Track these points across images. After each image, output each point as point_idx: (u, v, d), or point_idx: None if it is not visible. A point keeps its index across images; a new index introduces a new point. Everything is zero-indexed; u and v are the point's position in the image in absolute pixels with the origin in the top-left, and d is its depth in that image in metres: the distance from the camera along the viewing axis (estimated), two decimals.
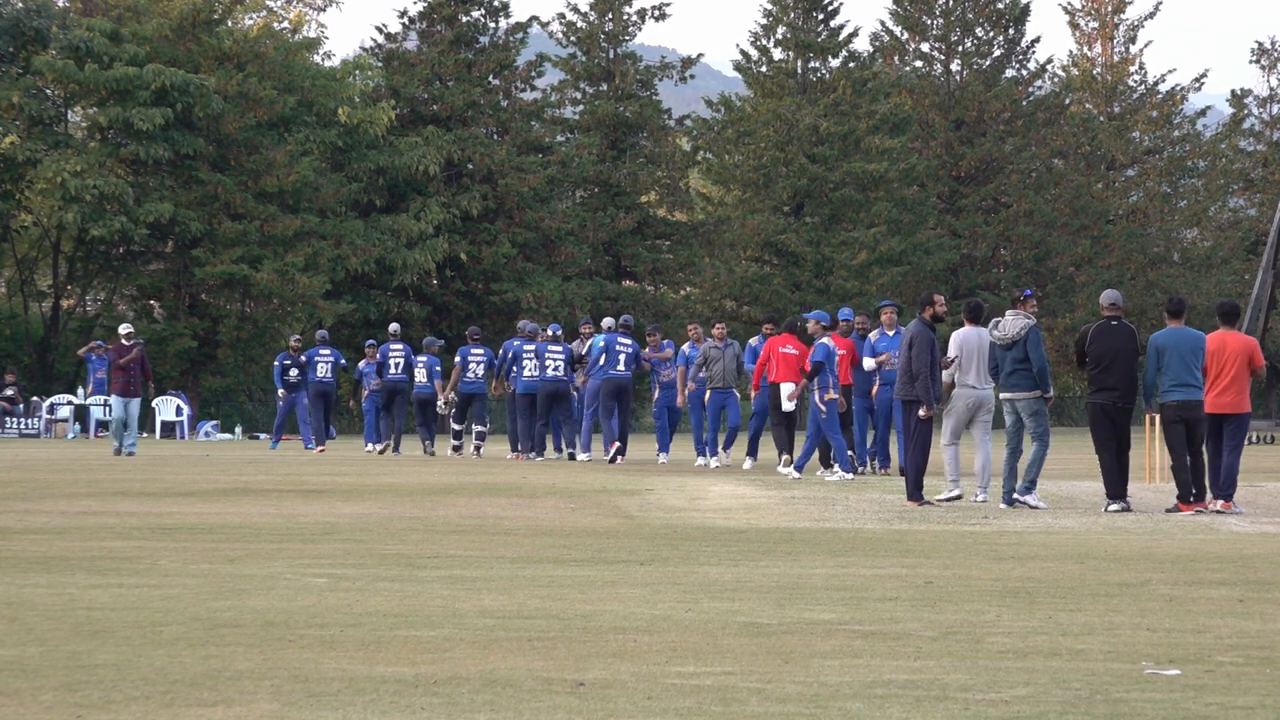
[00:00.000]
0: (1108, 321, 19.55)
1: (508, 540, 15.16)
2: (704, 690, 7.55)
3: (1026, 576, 12.31)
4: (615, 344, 30.29)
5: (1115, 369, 19.40)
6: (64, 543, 14.50)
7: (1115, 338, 19.45)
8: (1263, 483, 25.36)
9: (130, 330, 35.19)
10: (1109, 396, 19.43)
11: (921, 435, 20.16)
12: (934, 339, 20.23)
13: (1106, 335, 19.45)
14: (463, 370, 33.29)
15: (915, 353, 20.05)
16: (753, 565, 13.05)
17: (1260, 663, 8.46)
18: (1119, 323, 19.56)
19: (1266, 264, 53.31)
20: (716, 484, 23.19)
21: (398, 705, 7.17)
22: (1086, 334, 19.60)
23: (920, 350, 20.04)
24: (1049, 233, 77.17)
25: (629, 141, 70.09)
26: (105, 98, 55.92)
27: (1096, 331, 19.51)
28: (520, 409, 31.96)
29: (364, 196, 62.29)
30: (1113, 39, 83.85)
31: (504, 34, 68.04)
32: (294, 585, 11.43)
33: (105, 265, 60.15)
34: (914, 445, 20.16)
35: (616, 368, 30.14)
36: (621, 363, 30.13)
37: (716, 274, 69.08)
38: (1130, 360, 19.50)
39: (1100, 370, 19.43)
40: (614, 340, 30.33)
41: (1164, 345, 19.49)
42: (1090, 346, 19.47)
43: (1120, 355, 19.40)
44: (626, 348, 30.30)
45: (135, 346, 34.17)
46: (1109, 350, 19.40)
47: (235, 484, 23.11)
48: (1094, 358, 19.44)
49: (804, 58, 74.20)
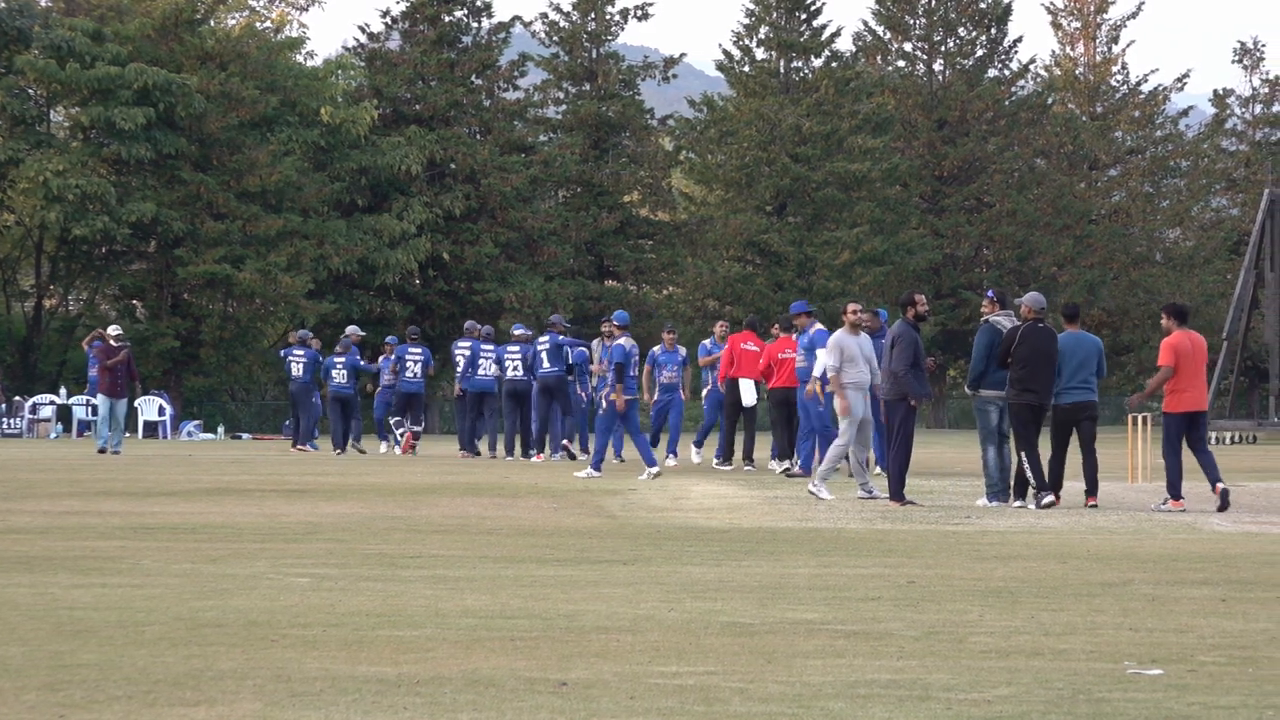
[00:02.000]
0: (1034, 323, 19.87)
1: (490, 540, 15.15)
2: (687, 690, 7.55)
3: (1009, 576, 12.32)
4: (537, 345, 30.96)
5: (1041, 370, 19.75)
6: (46, 542, 14.48)
7: (1041, 339, 19.79)
8: (1245, 482, 25.42)
9: (119, 331, 35.19)
10: (1036, 396, 19.76)
11: (904, 435, 20.18)
12: (918, 338, 20.34)
13: (1033, 337, 19.79)
14: (400, 369, 34.15)
15: (897, 352, 20.11)
16: (735, 565, 13.05)
17: (1242, 662, 8.47)
18: (1044, 325, 19.94)
19: (1249, 264, 53.35)
20: (699, 484, 23.20)
21: (380, 705, 7.17)
22: (1014, 335, 19.85)
23: (904, 349, 20.11)
24: (1031, 232, 77.22)
25: (611, 141, 70.11)
26: (87, 97, 55.87)
27: (1025, 333, 19.80)
28: (469, 408, 32.51)
29: (346, 196, 62.25)
30: (1095, 39, 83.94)
31: (486, 34, 68.03)
32: (277, 585, 11.42)
33: (88, 265, 60.11)
34: (897, 445, 20.18)
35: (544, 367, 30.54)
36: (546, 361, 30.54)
37: (699, 274, 69.08)
38: (1053, 362, 19.87)
39: (1027, 370, 19.71)
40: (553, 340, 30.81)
41: (1062, 349, 20.01)
42: (1017, 348, 19.77)
43: (1045, 356, 19.76)
44: (546, 345, 30.77)
45: (123, 349, 34.25)
46: (1036, 351, 19.74)
47: (218, 484, 23.09)
48: (1020, 358, 19.73)
49: (786, 57, 74.22)
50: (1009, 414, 20.09)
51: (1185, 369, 19.92)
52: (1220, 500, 19.83)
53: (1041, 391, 19.76)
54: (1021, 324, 19.94)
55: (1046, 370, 19.77)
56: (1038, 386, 19.71)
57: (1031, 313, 19.92)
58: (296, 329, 45.32)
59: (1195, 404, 20.05)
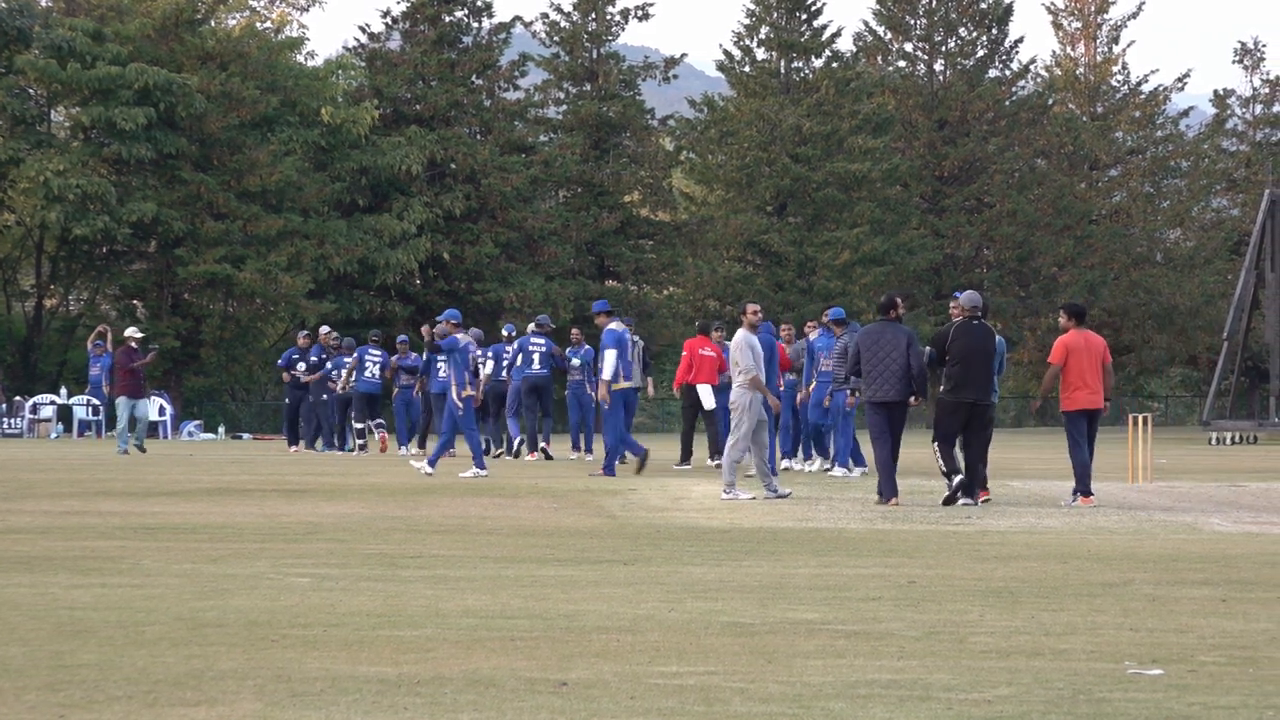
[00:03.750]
0: (969, 321, 20.05)
1: (491, 540, 15.15)
2: (687, 690, 7.55)
3: (1009, 576, 12.32)
4: (528, 345, 31.76)
5: (976, 367, 19.85)
6: (47, 542, 14.48)
7: (976, 337, 19.93)
8: (1245, 482, 25.42)
9: (137, 333, 35.31)
10: (970, 394, 19.86)
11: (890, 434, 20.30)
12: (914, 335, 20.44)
13: (968, 334, 19.95)
14: (359, 370, 34.62)
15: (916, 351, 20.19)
16: (735, 565, 13.05)
17: (1243, 662, 8.47)
18: (979, 322, 20.10)
19: (1249, 264, 53.42)
20: (699, 484, 23.21)
21: (381, 705, 7.17)
22: (948, 333, 20.06)
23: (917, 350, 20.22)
24: (1032, 233, 77.25)
25: (612, 141, 70.10)
26: (88, 97, 55.86)
27: (958, 330, 19.99)
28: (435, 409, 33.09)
29: (347, 196, 62.24)
30: (1095, 39, 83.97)
31: (487, 34, 68.04)
32: (277, 585, 11.42)
33: (88, 265, 60.11)
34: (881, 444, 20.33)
35: (532, 367, 31.34)
36: (536, 362, 31.42)
37: (699, 274, 69.09)
38: (989, 359, 19.99)
39: (962, 368, 19.83)
40: (526, 341, 31.83)
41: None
42: (952, 345, 19.93)
43: (981, 354, 19.88)
44: (540, 347, 31.72)
45: (152, 351, 34.67)
46: (970, 349, 19.86)
47: (218, 484, 23.09)
48: (955, 356, 19.87)
49: (787, 58, 74.26)
50: (938, 410, 20.23)
51: (1077, 367, 20.20)
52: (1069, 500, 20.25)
53: (975, 389, 19.83)
54: (955, 322, 20.16)
55: (981, 368, 19.87)
56: (971, 384, 19.80)
57: (965, 311, 20.13)
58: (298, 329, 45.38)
59: (1090, 402, 20.28)
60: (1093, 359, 20.25)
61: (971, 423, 19.91)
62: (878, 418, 20.28)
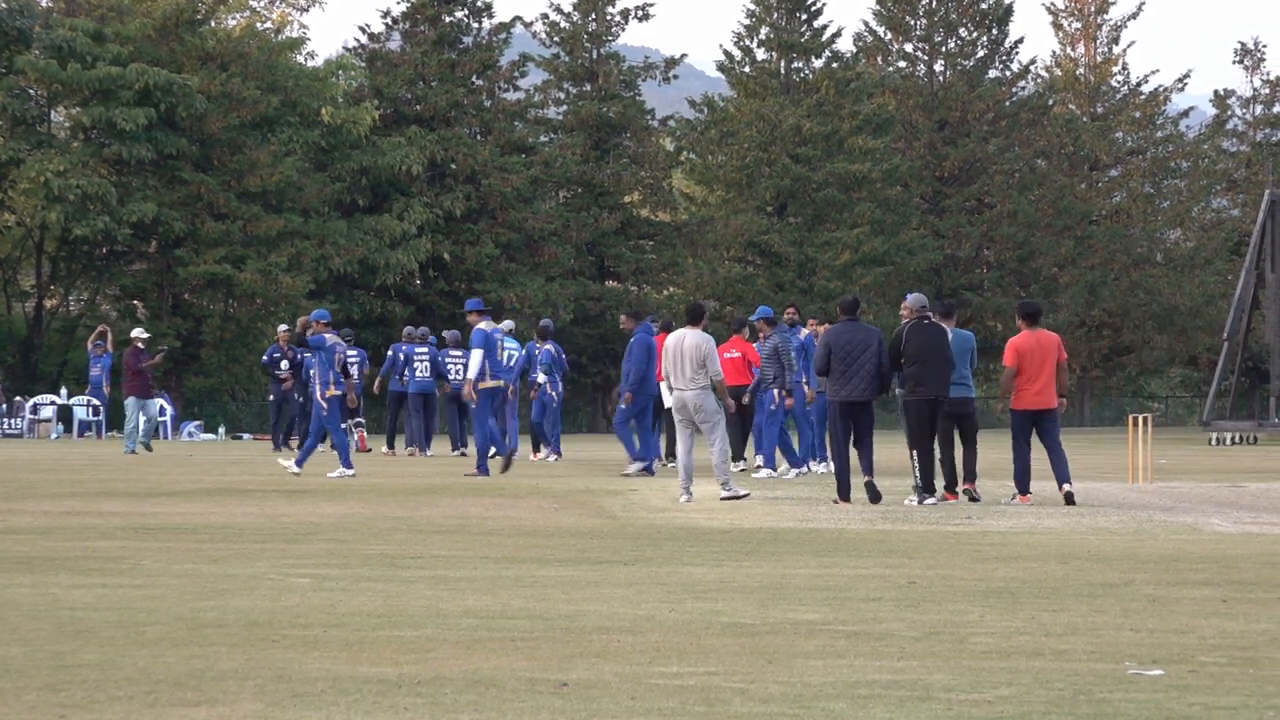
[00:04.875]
0: (919, 321, 20.34)
1: (491, 540, 15.16)
2: (687, 690, 7.55)
3: (1010, 577, 12.32)
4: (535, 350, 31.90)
5: (932, 366, 20.15)
6: (47, 543, 14.49)
7: (929, 336, 20.23)
8: (1246, 483, 25.42)
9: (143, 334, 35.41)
10: (930, 390, 20.13)
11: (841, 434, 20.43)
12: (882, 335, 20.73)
13: (920, 334, 20.23)
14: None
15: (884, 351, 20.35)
16: (736, 565, 13.06)
17: (1243, 663, 8.47)
18: (929, 322, 20.40)
19: (1249, 265, 53.41)
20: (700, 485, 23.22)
21: (381, 705, 7.17)
22: (901, 334, 20.33)
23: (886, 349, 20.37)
24: (1032, 233, 77.23)
25: (612, 142, 70.08)
26: (88, 97, 55.85)
27: (911, 331, 20.24)
28: (414, 408, 33.33)
29: (347, 196, 62.23)
30: (1096, 39, 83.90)
31: (487, 34, 68.02)
32: (277, 585, 11.43)
33: (88, 265, 60.08)
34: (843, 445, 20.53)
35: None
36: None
37: (700, 274, 69.06)
38: (944, 355, 20.30)
39: (919, 367, 20.10)
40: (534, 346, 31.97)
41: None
42: (906, 346, 20.19)
43: (935, 351, 20.19)
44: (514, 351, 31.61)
45: (161, 353, 34.87)
46: (924, 347, 20.15)
47: (219, 484, 23.10)
48: (911, 356, 20.12)
49: (787, 58, 74.22)
50: (903, 411, 20.51)
51: (1028, 368, 20.41)
52: (1065, 500, 20.25)
53: (934, 386, 20.11)
54: (907, 323, 20.37)
55: (937, 365, 20.14)
56: (930, 381, 20.07)
57: (913, 312, 20.44)
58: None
59: (1039, 402, 20.49)
60: (1045, 358, 20.46)
61: (934, 418, 20.21)
62: (844, 418, 20.40)
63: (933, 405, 20.14)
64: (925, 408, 20.12)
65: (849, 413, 20.34)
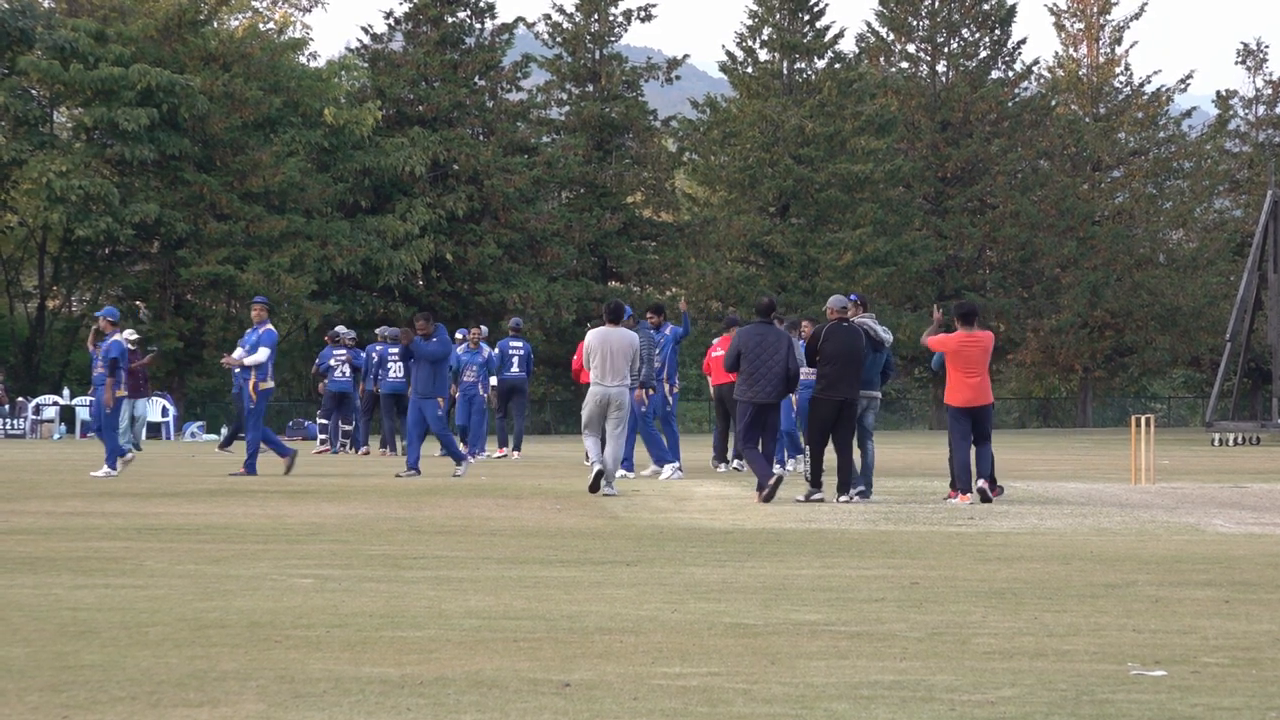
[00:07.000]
0: (838, 323, 20.58)
1: (494, 541, 15.15)
2: (690, 691, 7.55)
3: (1012, 577, 12.31)
4: (508, 348, 32.75)
5: (847, 367, 20.42)
6: (50, 543, 14.48)
7: (846, 337, 20.47)
8: (1248, 483, 25.41)
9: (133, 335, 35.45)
10: (841, 392, 20.39)
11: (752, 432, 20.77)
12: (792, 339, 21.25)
13: (838, 335, 20.47)
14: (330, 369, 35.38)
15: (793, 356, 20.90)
16: (739, 566, 13.05)
17: (1246, 664, 8.46)
18: (848, 324, 20.64)
19: (1251, 265, 53.40)
20: (702, 485, 23.21)
21: (384, 706, 7.17)
22: (819, 335, 20.56)
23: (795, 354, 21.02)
24: (1035, 234, 77.21)
25: (615, 142, 70.14)
26: (90, 98, 55.91)
27: (828, 332, 20.49)
28: (386, 409, 34.00)
29: (350, 197, 62.30)
30: (1098, 40, 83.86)
31: (490, 35, 68.09)
32: (280, 586, 11.42)
33: (91, 266, 60.16)
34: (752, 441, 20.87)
35: (511, 370, 32.44)
36: (515, 365, 32.47)
37: (702, 275, 69.10)
38: (859, 359, 20.55)
39: (833, 367, 20.37)
40: (506, 345, 32.81)
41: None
42: (823, 346, 20.44)
43: (850, 354, 20.42)
44: (519, 350, 32.66)
45: (151, 354, 34.88)
46: (841, 349, 20.39)
47: (221, 485, 23.10)
48: (826, 356, 20.38)
49: (789, 59, 74.25)
50: (810, 407, 20.81)
51: (963, 366, 20.52)
52: (980, 496, 20.41)
53: (845, 387, 20.37)
54: (825, 325, 20.69)
55: (851, 367, 20.40)
56: (841, 381, 20.35)
57: (834, 313, 20.72)
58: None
59: (970, 400, 20.56)
60: (975, 357, 20.57)
61: (841, 419, 20.46)
62: (753, 417, 20.66)
63: (839, 407, 20.40)
64: (832, 409, 20.41)
65: (758, 413, 20.61)
